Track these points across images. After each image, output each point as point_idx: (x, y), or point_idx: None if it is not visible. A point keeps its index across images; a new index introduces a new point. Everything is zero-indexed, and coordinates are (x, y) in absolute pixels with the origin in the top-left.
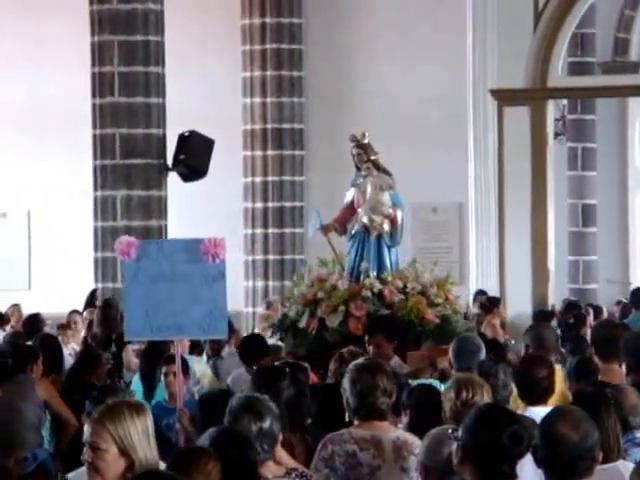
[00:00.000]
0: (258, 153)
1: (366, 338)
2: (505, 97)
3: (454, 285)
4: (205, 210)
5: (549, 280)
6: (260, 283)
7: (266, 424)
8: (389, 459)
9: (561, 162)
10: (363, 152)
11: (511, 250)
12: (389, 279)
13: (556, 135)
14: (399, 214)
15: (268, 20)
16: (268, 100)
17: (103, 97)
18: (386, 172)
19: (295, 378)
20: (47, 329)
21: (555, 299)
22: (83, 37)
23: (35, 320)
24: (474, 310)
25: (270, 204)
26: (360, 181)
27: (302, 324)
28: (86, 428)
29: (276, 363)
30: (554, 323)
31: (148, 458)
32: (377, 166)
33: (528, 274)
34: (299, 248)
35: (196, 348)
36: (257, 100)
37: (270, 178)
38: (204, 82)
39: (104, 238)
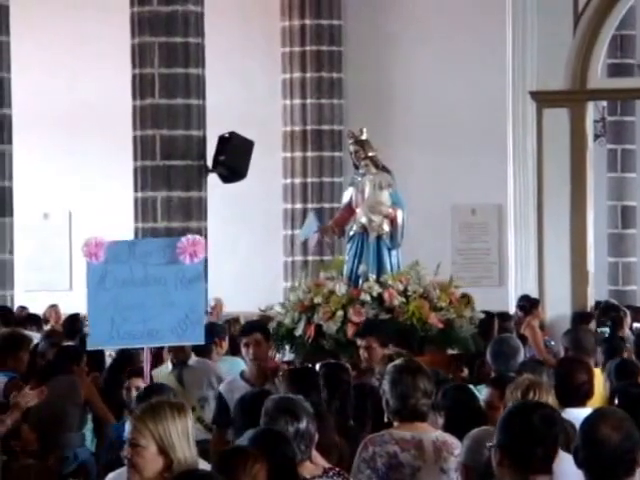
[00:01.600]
0: (298, 154)
1: (357, 341)
2: (545, 99)
3: (493, 287)
4: (245, 211)
5: (588, 281)
6: None
7: (302, 425)
8: (429, 460)
9: (601, 164)
10: (361, 149)
11: (550, 252)
12: (389, 282)
13: (596, 137)
14: (399, 214)
15: (308, 22)
16: (308, 101)
17: (144, 99)
18: (385, 169)
19: (338, 379)
20: (87, 329)
21: (595, 301)
22: (124, 39)
23: (74, 320)
24: (480, 315)
25: (309, 205)
26: (358, 180)
27: (299, 332)
28: (127, 426)
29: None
30: (592, 325)
31: (187, 458)
32: (375, 163)
33: (567, 275)
34: (338, 249)
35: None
36: (297, 102)
37: (309, 179)
38: (244, 84)
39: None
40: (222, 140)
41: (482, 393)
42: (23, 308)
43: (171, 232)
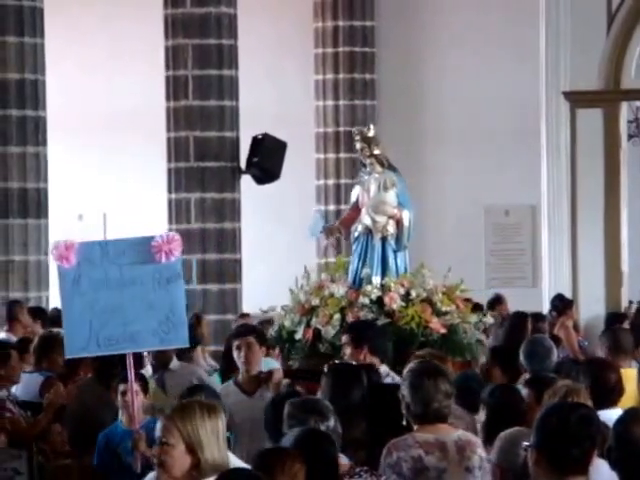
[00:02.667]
0: (331, 155)
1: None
2: (578, 99)
3: (527, 287)
4: (278, 212)
5: (622, 281)
6: None
7: (331, 423)
8: (454, 461)
9: (634, 164)
10: (366, 146)
11: (584, 252)
12: (391, 285)
13: (629, 137)
14: (405, 215)
15: (341, 23)
16: (340, 103)
17: (177, 100)
18: (392, 168)
19: (370, 380)
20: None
21: (628, 301)
22: (157, 40)
23: None
24: (489, 320)
25: (343, 206)
26: (364, 178)
27: (299, 335)
28: (158, 425)
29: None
30: (626, 325)
31: (215, 458)
32: (381, 162)
33: (601, 276)
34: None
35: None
36: (329, 103)
37: (343, 181)
38: (277, 85)
39: None
40: (255, 141)
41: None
42: (58, 310)
43: (205, 233)
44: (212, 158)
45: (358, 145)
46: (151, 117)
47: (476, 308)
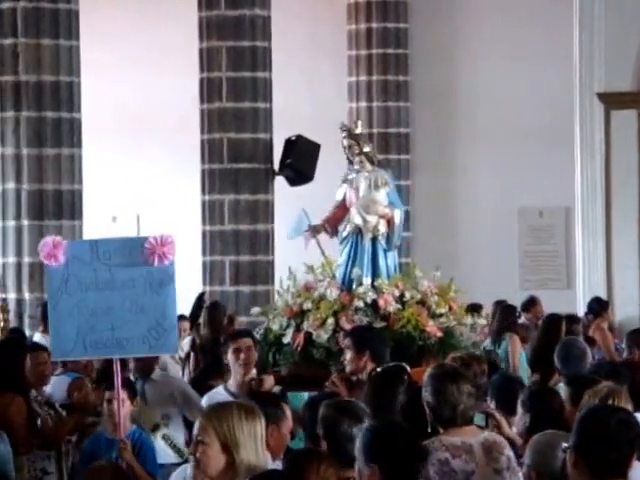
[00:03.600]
0: None
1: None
2: (612, 101)
3: (561, 289)
4: (312, 214)
5: None
6: None
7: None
8: (481, 463)
9: None
10: (355, 144)
11: (618, 253)
12: (384, 287)
13: None
14: (397, 214)
15: (374, 25)
16: (374, 104)
17: (211, 102)
18: (382, 166)
19: (410, 382)
20: None
21: None
22: (192, 43)
23: None
24: (482, 322)
25: None
26: (352, 176)
27: (287, 339)
28: (196, 424)
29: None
30: None
31: (251, 460)
32: (371, 160)
33: (636, 277)
34: (405, 251)
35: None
36: (363, 104)
37: None
38: (311, 86)
39: (212, 242)
40: (289, 143)
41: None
42: None
43: (238, 234)
44: (246, 160)
45: (345, 142)
46: (185, 119)
47: (473, 309)
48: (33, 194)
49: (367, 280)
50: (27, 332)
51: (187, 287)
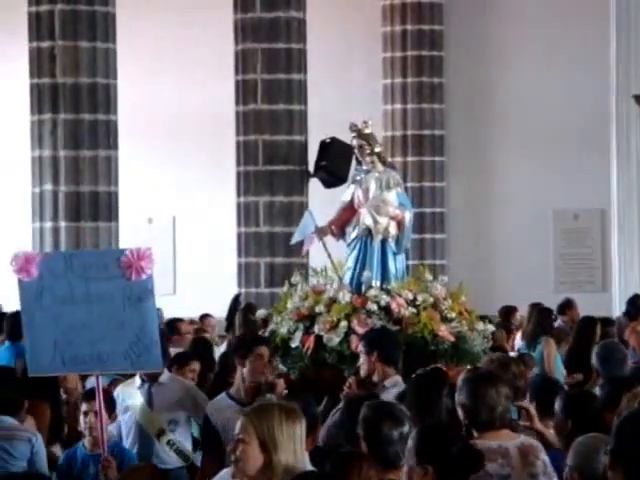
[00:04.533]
0: (398, 159)
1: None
2: None
3: (596, 292)
4: None
5: None
6: None
7: (405, 428)
8: (517, 467)
9: None
10: (366, 143)
11: None
12: (397, 290)
13: None
14: (407, 216)
15: (409, 27)
16: (408, 106)
17: (246, 104)
18: (392, 167)
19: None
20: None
21: None
22: (227, 45)
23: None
24: (491, 328)
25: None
26: (361, 177)
27: (295, 343)
28: (237, 423)
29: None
30: None
31: (290, 461)
32: (383, 160)
33: None
34: (439, 253)
35: None
36: (397, 106)
37: (410, 184)
38: (345, 89)
39: (247, 243)
40: (323, 145)
41: None
42: None
43: (273, 236)
44: (280, 162)
45: (355, 142)
46: (220, 121)
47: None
48: (70, 196)
49: (376, 283)
50: None
51: (222, 289)
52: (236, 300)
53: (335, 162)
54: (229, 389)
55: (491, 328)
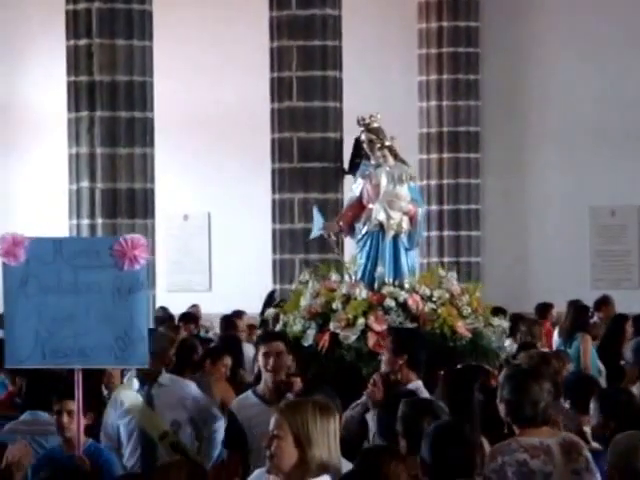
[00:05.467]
0: (434, 156)
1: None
2: None
3: (633, 289)
4: None
5: None
6: None
7: None
8: (559, 464)
9: None
10: (375, 137)
11: None
12: (415, 286)
13: None
14: (419, 211)
15: (445, 24)
16: (444, 103)
17: (282, 101)
18: (403, 161)
19: (484, 382)
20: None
21: None
22: (262, 43)
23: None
24: (505, 324)
25: (446, 207)
26: (370, 171)
27: (308, 341)
28: (272, 419)
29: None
30: None
31: (324, 458)
32: (394, 154)
33: None
34: (475, 250)
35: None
36: (433, 103)
37: (445, 181)
38: (380, 85)
39: (282, 240)
40: (358, 142)
41: None
42: (164, 309)
43: (308, 233)
44: (315, 159)
45: (364, 136)
46: (256, 118)
47: (497, 312)
48: (106, 193)
49: (389, 279)
50: None
51: (258, 285)
52: (271, 296)
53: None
54: (256, 387)
55: (506, 324)
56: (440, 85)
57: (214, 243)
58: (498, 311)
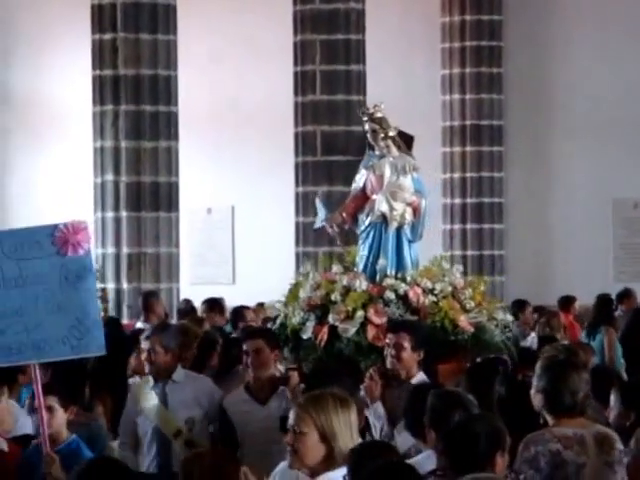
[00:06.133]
0: (457, 149)
1: (387, 340)
2: None
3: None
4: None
5: None
6: None
7: None
8: (593, 455)
9: None
10: (379, 127)
11: None
12: (416, 278)
13: None
14: (423, 202)
15: (468, 17)
16: (467, 97)
17: (305, 95)
18: (406, 152)
19: (506, 374)
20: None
21: None
22: (286, 37)
23: (238, 313)
24: (508, 318)
25: (469, 200)
26: (374, 162)
27: (307, 334)
28: (291, 413)
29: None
30: None
31: (348, 448)
32: (398, 144)
33: None
34: (498, 243)
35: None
36: (456, 97)
37: (469, 174)
38: (404, 79)
39: (305, 233)
40: None
41: None
42: (187, 301)
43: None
44: (339, 152)
45: (367, 126)
46: (279, 112)
47: (519, 304)
48: (131, 186)
49: (392, 272)
50: (125, 322)
51: (281, 278)
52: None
53: None
54: (248, 383)
55: (510, 318)
56: (463, 78)
57: (237, 236)
58: (521, 304)
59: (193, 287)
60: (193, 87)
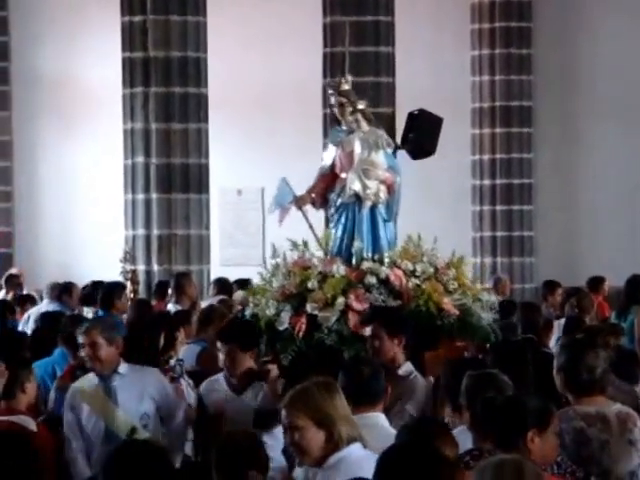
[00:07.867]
0: (486, 131)
1: (366, 333)
2: None
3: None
4: (434, 188)
5: None
6: (488, 260)
7: None
8: (615, 433)
9: None
10: (346, 100)
11: None
12: (395, 260)
13: None
14: (397, 179)
15: None
16: (497, 78)
17: (334, 77)
18: (378, 126)
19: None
20: None
21: None
22: (315, 18)
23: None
24: (493, 298)
25: (498, 181)
26: (342, 137)
27: (283, 325)
28: (282, 414)
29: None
30: None
31: (348, 429)
32: (368, 118)
33: None
34: (527, 225)
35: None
36: (486, 78)
37: (498, 155)
38: (433, 60)
39: None
40: (411, 117)
41: None
42: (221, 280)
43: None
44: None
45: (334, 100)
46: (308, 93)
47: (550, 285)
48: (161, 168)
49: (368, 254)
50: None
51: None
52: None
53: (423, 134)
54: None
55: (494, 299)
56: (493, 60)
57: (268, 218)
58: (551, 285)
59: (223, 268)
60: (223, 69)
